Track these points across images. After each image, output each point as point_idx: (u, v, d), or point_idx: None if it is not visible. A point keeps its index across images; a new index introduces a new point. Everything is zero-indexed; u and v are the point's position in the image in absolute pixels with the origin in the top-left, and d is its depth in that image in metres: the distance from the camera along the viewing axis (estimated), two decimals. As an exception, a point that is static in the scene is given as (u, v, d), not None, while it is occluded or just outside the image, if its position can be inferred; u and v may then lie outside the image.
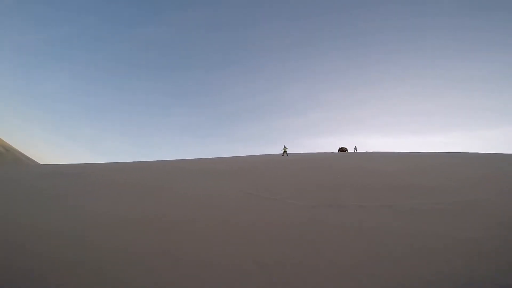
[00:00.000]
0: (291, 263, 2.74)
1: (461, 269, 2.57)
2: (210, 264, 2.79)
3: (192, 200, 6.39)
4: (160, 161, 21.94)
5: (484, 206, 4.98)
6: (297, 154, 29.08)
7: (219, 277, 2.51)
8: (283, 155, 27.65)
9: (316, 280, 2.41)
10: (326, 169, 12.02)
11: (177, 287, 2.39)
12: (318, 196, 6.16)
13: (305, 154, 29.69)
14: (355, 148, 37.69)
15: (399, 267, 2.64)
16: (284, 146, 28.50)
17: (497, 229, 3.71)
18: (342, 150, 36.89)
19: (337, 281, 2.38)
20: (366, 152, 32.62)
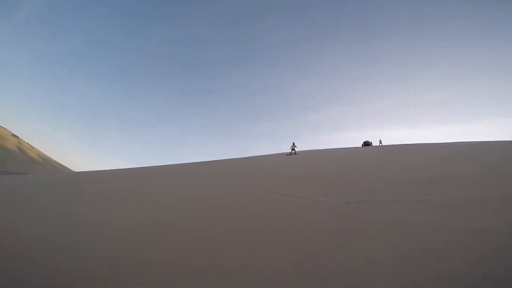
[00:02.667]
0: (330, 262, 2.60)
1: (505, 264, 2.37)
2: (252, 266, 2.71)
3: (222, 204, 6.36)
4: (178, 165, 22.54)
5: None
6: (317, 150, 28.46)
7: (262, 281, 2.43)
8: (291, 153, 25.55)
9: (361, 280, 2.24)
10: (353, 164, 11.61)
11: None
12: (350, 192, 5.88)
13: (326, 149, 29.00)
14: (380, 142, 36.31)
15: (444, 262, 2.42)
16: (293, 143, 26.11)
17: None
18: (367, 144, 35.62)
19: (384, 279, 2.21)
20: (392, 145, 31.32)
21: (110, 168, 23.13)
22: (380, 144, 36.73)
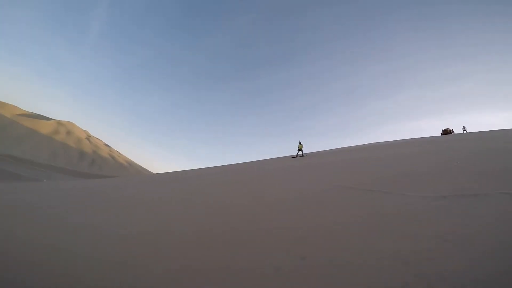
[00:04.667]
0: (441, 258, 2.37)
1: None
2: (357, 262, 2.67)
3: (296, 198, 6.45)
4: (248, 163, 23.44)
5: None
6: (386, 142, 26.18)
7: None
8: (297, 156, 21.72)
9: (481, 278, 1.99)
10: (435, 153, 10.37)
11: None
12: (441, 185, 5.22)
13: (397, 140, 26.45)
14: (464, 129, 32.09)
15: None
16: (300, 143, 21.82)
17: None
18: (447, 132, 32.02)
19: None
20: (480, 132, 26.98)
21: (184, 169, 25.61)
22: (465, 132, 32.29)
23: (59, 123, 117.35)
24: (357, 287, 2.14)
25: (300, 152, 21.72)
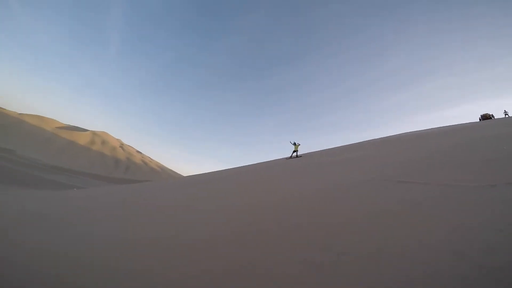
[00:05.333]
0: (500, 249, 2.17)
1: None
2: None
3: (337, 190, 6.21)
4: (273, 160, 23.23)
5: None
6: (419, 131, 24.41)
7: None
8: (291, 157, 19.93)
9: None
10: (475, 140, 9.49)
11: None
12: (488, 174, 4.71)
13: (432, 129, 24.61)
14: (506, 113, 29.30)
15: None
16: (295, 144, 19.85)
17: None
18: (486, 117, 29.36)
19: None
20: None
21: (211, 171, 26.08)
22: (506, 116, 29.53)
23: (94, 133, 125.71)
24: (412, 280, 2.04)
25: (295, 153, 20.07)
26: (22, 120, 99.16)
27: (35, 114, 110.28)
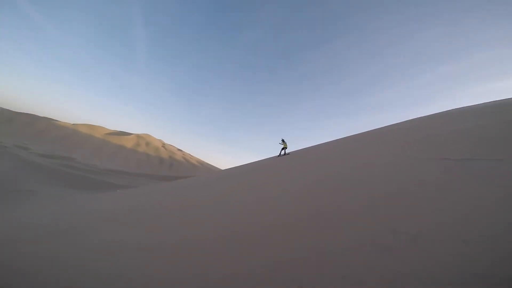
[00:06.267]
0: None
1: None
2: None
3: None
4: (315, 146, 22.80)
5: None
6: (461, 108, 21.81)
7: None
8: (280, 155, 19.49)
9: None
10: None
11: None
12: None
13: (472, 105, 21.86)
14: None
15: None
16: (283, 141, 18.90)
17: None
18: None
19: None
20: None
21: (247, 162, 26.55)
22: None
23: (138, 136, 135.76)
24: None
25: (283, 151, 19.55)
26: (76, 130, 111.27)
27: (86, 123, 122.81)
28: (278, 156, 19.98)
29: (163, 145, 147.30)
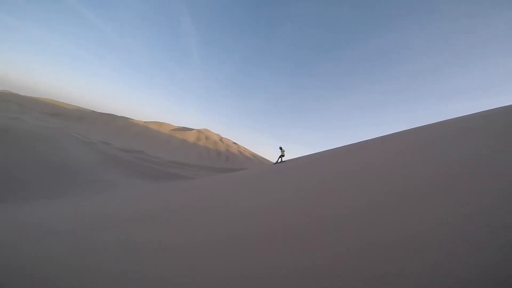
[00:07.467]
0: None
1: None
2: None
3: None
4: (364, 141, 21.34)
5: None
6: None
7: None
8: (277, 162, 19.28)
9: None
10: None
11: None
12: None
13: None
14: None
15: None
16: (281, 149, 19.56)
17: None
18: None
19: None
20: None
21: (297, 156, 26.20)
22: None
23: (199, 131, 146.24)
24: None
25: (280, 159, 19.54)
26: (147, 127, 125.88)
27: (155, 120, 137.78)
28: (276, 163, 20.00)
29: (221, 139, 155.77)
